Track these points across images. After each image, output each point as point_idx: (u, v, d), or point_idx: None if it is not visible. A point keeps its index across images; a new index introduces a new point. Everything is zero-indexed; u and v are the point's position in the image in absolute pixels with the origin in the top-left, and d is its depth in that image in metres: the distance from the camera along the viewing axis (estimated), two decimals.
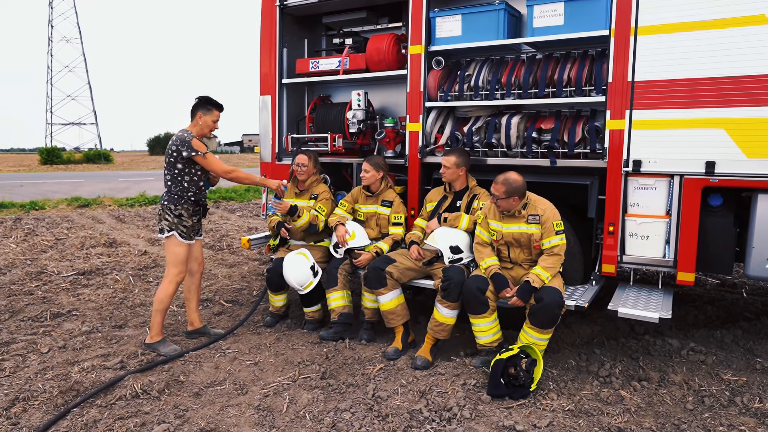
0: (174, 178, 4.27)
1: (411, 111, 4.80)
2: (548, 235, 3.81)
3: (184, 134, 4.25)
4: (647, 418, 3.23)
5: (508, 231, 3.91)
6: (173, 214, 4.26)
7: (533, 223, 3.84)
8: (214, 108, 4.39)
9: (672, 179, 3.87)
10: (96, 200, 14.01)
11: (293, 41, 5.77)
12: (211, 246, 8.54)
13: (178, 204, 4.27)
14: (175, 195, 4.28)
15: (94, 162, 43.50)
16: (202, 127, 4.35)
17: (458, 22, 4.62)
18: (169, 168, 4.28)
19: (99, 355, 4.17)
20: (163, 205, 4.29)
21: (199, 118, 4.34)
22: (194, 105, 4.38)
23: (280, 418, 3.29)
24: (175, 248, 4.29)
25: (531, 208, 3.87)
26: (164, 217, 4.27)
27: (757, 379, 3.71)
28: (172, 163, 4.25)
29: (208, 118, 4.35)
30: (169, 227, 4.26)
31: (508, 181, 3.78)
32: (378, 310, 4.42)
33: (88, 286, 6.20)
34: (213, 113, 4.38)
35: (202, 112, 4.34)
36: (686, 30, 3.70)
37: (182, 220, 4.28)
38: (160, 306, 4.30)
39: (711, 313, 5.05)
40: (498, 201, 3.83)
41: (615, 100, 3.95)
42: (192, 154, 4.20)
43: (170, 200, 4.28)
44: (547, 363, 3.92)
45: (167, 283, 4.31)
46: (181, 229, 4.28)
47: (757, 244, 3.71)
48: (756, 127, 3.56)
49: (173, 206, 4.26)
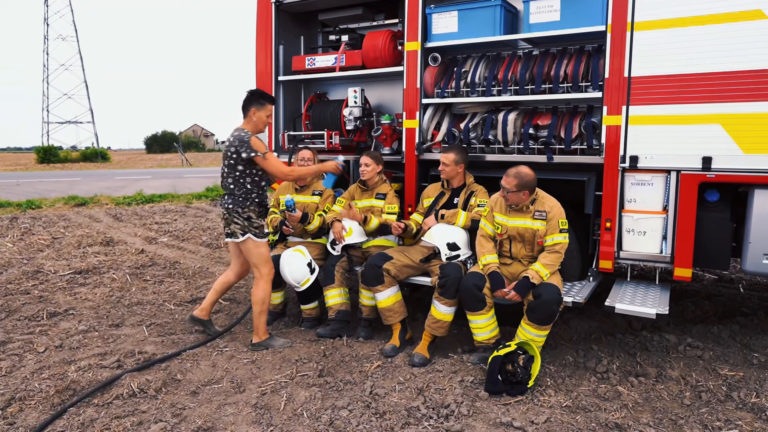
0: (236, 181, 4.11)
1: (407, 108, 4.79)
2: (552, 232, 3.80)
3: (242, 133, 4.06)
4: (644, 414, 3.24)
5: (513, 225, 3.91)
6: (242, 218, 4.12)
7: (539, 219, 3.83)
8: (267, 102, 4.19)
9: (669, 175, 3.88)
10: (93, 199, 13.97)
11: (289, 38, 5.75)
12: (209, 244, 8.53)
13: (245, 207, 4.13)
14: (240, 198, 4.13)
15: (91, 160, 43.37)
16: (256, 124, 4.16)
17: (454, 19, 4.61)
18: (230, 170, 4.11)
19: (96, 354, 4.16)
20: (229, 209, 4.14)
21: (252, 114, 4.14)
22: (246, 100, 4.17)
23: (278, 416, 3.28)
24: (256, 249, 4.18)
25: (539, 204, 3.86)
26: (233, 221, 4.13)
27: (753, 374, 3.71)
28: (233, 165, 4.08)
29: (261, 113, 4.15)
30: (242, 230, 4.12)
31: (520, 175, 3.77)
32: (375, 308, 4.41)
33: (84, 285, 6.19)
34: (266, 107, 4.17)
35: (256, 108, 4.13)
36: (682, 25, 3.69)
37: (252, 221, 4.15)
38: (262, 307, 4.24)
39: (708, 309, 5.05)
40: (508, 194, 3.81)
41: (611, 96, 3.94)
42: (251, 155, 4.02)
43: (235, 203, 4.13)
44: (545, 359, 3.92)
45: (263, 283, 4.22)
46: (254, 230, 4.15)
47: (753, 239, 3.71)
48: (752, 122, 3.56)
49: (240, 209, 4.12)
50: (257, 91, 4.18)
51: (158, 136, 72.53)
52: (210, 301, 4.52)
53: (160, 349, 4.26)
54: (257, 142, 4.05)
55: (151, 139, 72.76)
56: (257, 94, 4.16)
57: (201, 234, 9.29)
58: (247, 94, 4.17)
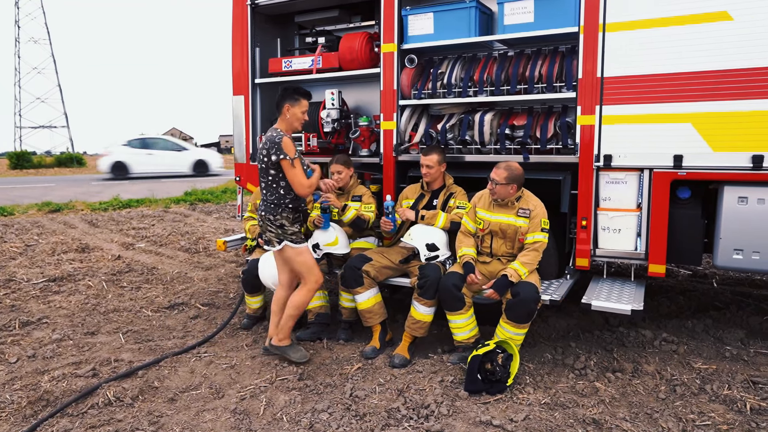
0: (268, 185, 3.88)
1: (385, 109, 4.80)
2: (534, 230, 3.85)
3: (274, 134, 3.82)
4: (621, 409, 3.29)
5: (495, 220, 3.95)
6: (275, 225, 3.86)
7: (523, 216, 3.88)
8: (302, 97, 3.94)
9: (642, 173, 3.94)
10: (68, 205, 13.71)
11: (266, 40, 5.72)
12: (187, 249, 8.43)
13: (276, 213, 3.86)
14: (272, 204, 3.87)
15: (67, 165, 42.54)
16: (291, 122, 3.93)
17: (430, 20, 4.63)
18: (263, 174, 3.89)
19: (70, 363, 4.08)
20: (262, 217, 3.91)
21: (286, 111, 3.91)
22: (279, 97, 3.95)
23: (257, 420, 3.26)
24: (297, 257, 3.89)
25: (523, 202, 3.92)
26: (267, 229, 3.89)
27: (726, 366, 3.79)
28: (264, 169, 3.86)
29: (296, 109, 3.91)
30: (277, 238, 3.87)
31: (511, 168, 3.84)
32: (355, 310, 4.41)
33: (59, 293, 6.07)
34: (301, 103, 3.92)
35: (290, 104, 3.89)
36: (652, 26, 3.76)
37: (285, 229, 3.86)
38: (296, 312, 3.96)
39: (683, 304, 5.15)
40: (497, 186, 3.85)
41: (585, 96, 4.00)
42: (280, 158, 3.74)
43: (267, 210, 3.88)
44: (524, 357, 3.95)
45: (306, 290, 3.94)
46: (290, 237, 3.86)
47: (724, 234, 3.79)
48: (721, 121, 3.64)
49: (272, 216, 3.86)
50: (291, 86, 4.00)
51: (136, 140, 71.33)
52: (273, 326, 4.11)
53: (137, 357, 4.20)
54: (288, 144, 3.78)
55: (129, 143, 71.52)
56: (291, 89, 3.96)
57: (179, 239, 9.18)
58: (281, 91, 3.98)
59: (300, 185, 3.83)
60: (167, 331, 4.84)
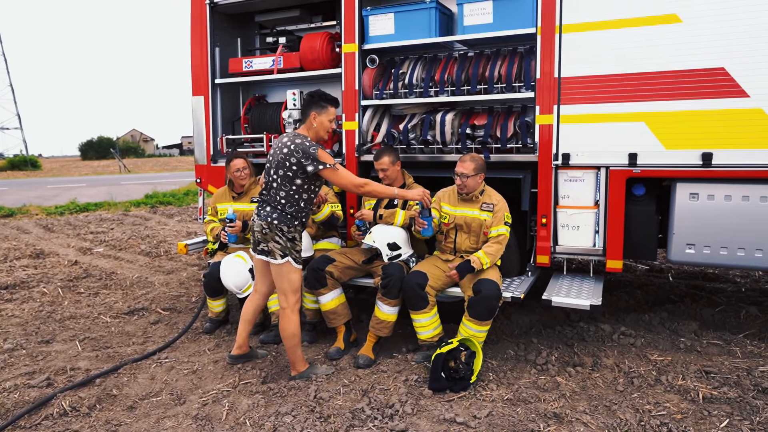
0: (290, 195, 3.58)
1: (347, 109, 4.78)
2: (497, 223, 3.93)
3: (306, 142, 3.54)
4: (581, 402, 3.36)
5: (461, 214, 4.03)
6: (286, 237, 3.58)
7: (486, 210, 3.97)
8: (330, 105, 3.70)
9: (599, 171, 4.04)
10: (21, 209, 13.24)
11: (225, 40, 5.64)
12: (148, 252, 8.23)
13: (291, 225, 3.59)
14: (289, 215, 3.59)
15: (20, 169, 41.11)
16: (317, 131, 3.68)
17: (391, 21, 4.64)
18: (286, 183, 3.57)
19: (23, 374, 3.93)
20: (272, 225, 3.57)
21: (313, 119, 3.65)
22: (305, 104, 3.74)
23: (220, 426, 3.20)
24: (291, 275, 3.63)
25: (486, 197, 4.02)
26: (274, 239, 3.57)
27: (680, 357, 3.92)
28: (290, 177, 3.55)
29: (323, 117, 3.66)
30: (282, 252, 3.57)
31: (475, 158, 3.94)
32: (319, 311, 4.38)
33: (11, 301, 5.85)
34: (329, 111, 3.68)
35: (316, 112, 3.65)
36: (606, 28, 3.86)
37: (295, 244, 3.63)
38: (294, 341, 3.70)
39: (640, 298, 5.30)
40: (467, 180, 3.92)
41: (543, 96, 4.07)
42: (320, 168, 3.52)
43: (282, 220, 3.57)
44: (487, 354, 4.00)
45: (289, 313, 3.67)
46: (295, 254, 3.63)
47: (677, 230, 3.91)
48: (672, 120, 3.76)
49: (286, 228, 3.57)
50: (318, 92, 3.73)
51: (94, 141, 69.44)
52: (243, 334, 3.99)
53: (94, 365, 4.08)
54: (325, 155, 3.56)
55: (86, 145, 69.58)
56: (317, 95, 3.70)
57: (139, 243, 8.96)
58: (307, 97, 3.76)
59: (353, 185, 3.69)
60: (126, 338, 4.71)
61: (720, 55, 3.60)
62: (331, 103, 3.72)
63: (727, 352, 4.02)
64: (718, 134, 3.66)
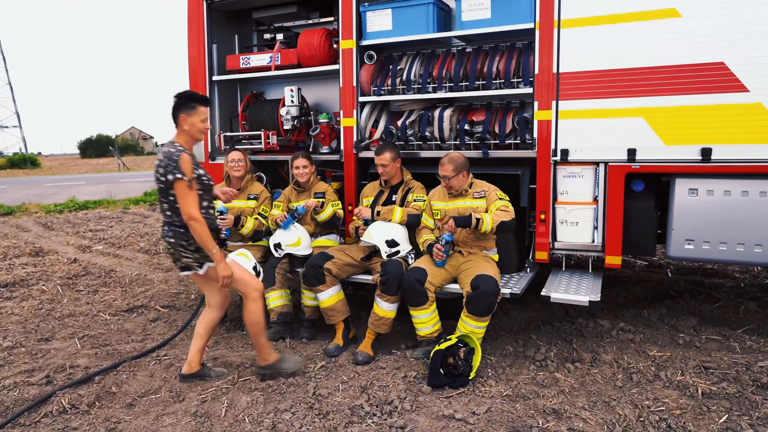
0: (173, 207, 3.40)
1: (345, 106, 4.77)
2: (492, 201, 3.93)
3: (171, 149, 3.35)
4: (580, 398, 3.35)
5: (453, 207, 4.04)
6: (189, 250, 3.42)
7: (479, 197, 3.99)
8: (199, 104, 3.45)
9: (597, 167, 4.03)
10: (20, 207, 13.23)
11: (223, 37, 5.62)
12: (147, 250, 8.23)
13: (190, 237, 3.39)
14: (182, 229, 3.41)
15: (19, 167, 41.11)
16: (190, 132, 3.46)
17: (388, 17, 4.62)
18: (163, 195, 3.41)
19: (22, 371, 3.93)
20: (171, 243, 3.44)
21: (183, 121, 3.42)
22: (174, 107, 3.46)
23: (218, 423, 3.20)
24: (223, 274, 3.46)
25: (476, 187, 4.05)
26: (181, 255, 3.45)
27: (679, 353, 3.91)
28: (164, 189, 3.38)
29: (194, 119, 3.42)
30: (197, 263, 3.45)
31: (453, 159, 3.94)
32: (318, 308, 4.38)
33: (11, 299, 5.85)
34: (198, 111, 3.44)
35: (186, 114, 3.41)
36: (605, 23, 3.85)
37: (203, 252, 3.43)
38: (257, 328, 3.61)
39: (639, 294, 5.30)
40: (450, 181, 3.94)
41: (542, 92, 4.06)
42: (177, 177, 3.28)
43: (177, 236, 3.42)
44: (486, 350, 4.00)
45: (252, 304, 3.57)
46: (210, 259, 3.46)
47: (676, 226, 3.91)
48: (671, 115, 3.75)
49: (185, 242, 3.41)
50: (185, 94, 3.49)
51: (93, 139, 69.46)
52: (194, 351, 3.73)
53: (93, 362, 4.08)
54: (187, 163, 3.33)
55: (85, 143, 69.59)
56: (185, 96, 3.46)
57: (138, 240, 8.96)
58: (175, 100, 3.47)
59: (187, 215, 3.31)
60: (126, 335, 4.71)
61: (719, 50, 3.59)
62: (200, 103, 3.47)
63: (726, 347, 4.02)
64: (717, 129, 3.65)
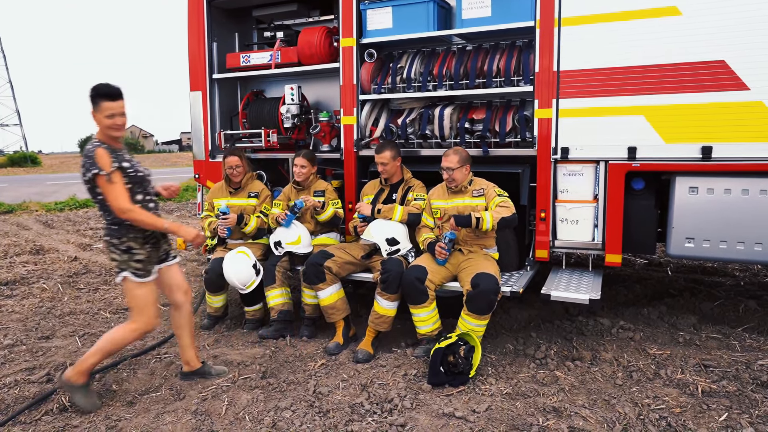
0: (103, 205, 3.26)
1: (345, 104, 4.77)
2: (491, 198, 3.93)
3: (89, 147, 3.24)
4: (580, 396, 3.36)
5: (452, 205, 4.04)
6: (119, 250, 3.28)
7: (478, 196, 3.99)
8: (102, 99, 3.18)
9: (598, 165, 4.03)
10: (21, 205, 13.24)
11: (223, 35, 5.62)
12: None
13: (122, 235, 3.26)
14: (114, 225, 3.27)
15: (20, 165, 41.12)
16: (102, 130, 3.25)
17: (389, 15, 4.62)
18: (93, 195, 3.29)
19: (23, 369, 3.94)
20: (106, 242, 3.35)
21: (93, 117, 3.25)
22: None
23: (219, 421, 3.21)
24: (133, 291, 3.32)
25: (475, 185, 4.06)
26: (111, 255, 3.34)
27: (679, 351, 3.92)
28: (91, 189, 3.24)
29: (99, 115, 3.20)
30: (119, 268, 3.30)
31: (458, 151, 3.98)
32: (318, 306, 4.38)
33: (11, 297, 5.85)
34: (101, 107, 3.18)
35: (93, 109, 3.22)
36: (605, 21, 3.84)
37: (133, 254, 3.29)
38: (109, 347, 3.37)
39: (639, 292, 5.30)
40: (454, 173, 3.94)
41: (542, 90, 4.06)
42: (94, 173, 3.13)
43: (110, 234, 3.29)
44: (486, 348, 4.00)
45: (129, 330, 3.37)
46: (134, 265, 3.28)
47: (676, 224, 3.91)
48: (671, 113, 3.75)
49: (117, 240, 3.27)
50: (94, 88, 3.23)
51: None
52: (185, 347, 3.70)
53: None
54: (103, 157, 3.13)
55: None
56: (91, 92, 3.22)
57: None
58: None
59: (117, 208, 3.16)
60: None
61: (720, 48, 3.59)
62: (104, 98, 3.19)
63: (726, 345, 4.02)
64: (717, 127, 3.65)
